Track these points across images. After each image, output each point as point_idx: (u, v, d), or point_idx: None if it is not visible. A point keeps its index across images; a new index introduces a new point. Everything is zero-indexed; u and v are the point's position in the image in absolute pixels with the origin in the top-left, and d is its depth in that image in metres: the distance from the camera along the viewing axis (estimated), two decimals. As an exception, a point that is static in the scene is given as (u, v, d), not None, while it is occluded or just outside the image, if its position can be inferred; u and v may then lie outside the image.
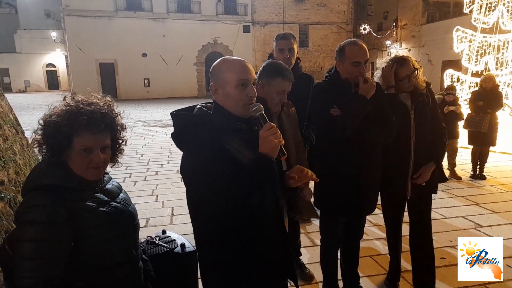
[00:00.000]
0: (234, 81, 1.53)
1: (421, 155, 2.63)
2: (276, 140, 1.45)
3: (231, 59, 1.60)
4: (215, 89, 1.56)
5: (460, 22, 12.61)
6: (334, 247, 2.74)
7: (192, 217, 1.63)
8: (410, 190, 2.69)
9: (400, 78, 2.60)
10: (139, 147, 9.19)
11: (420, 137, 2.62)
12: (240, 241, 1.53)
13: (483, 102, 5.93)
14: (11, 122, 2.62)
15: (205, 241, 1.61)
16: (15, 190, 2.14)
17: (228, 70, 1.54)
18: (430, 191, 2.77)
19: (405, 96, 2.65)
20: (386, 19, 31.87)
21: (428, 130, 2.65)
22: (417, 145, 2.62)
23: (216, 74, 1.57)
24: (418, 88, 2.63)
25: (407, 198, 2.73)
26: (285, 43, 3.07)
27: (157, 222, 4.41)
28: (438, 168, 2.74)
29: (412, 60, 2.65)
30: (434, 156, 2.66)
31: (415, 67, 2.60)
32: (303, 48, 31.68)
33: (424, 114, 2.63)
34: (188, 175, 1.53)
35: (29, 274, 1.25)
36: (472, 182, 5.93)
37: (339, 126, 2.31)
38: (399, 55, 2.71)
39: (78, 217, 1.33)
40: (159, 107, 20.72)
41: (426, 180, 2.64)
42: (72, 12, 25.92)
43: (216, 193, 1.42)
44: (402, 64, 2.60)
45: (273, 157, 1.46)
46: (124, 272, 1.45)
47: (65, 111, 1.38)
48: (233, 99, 1.54)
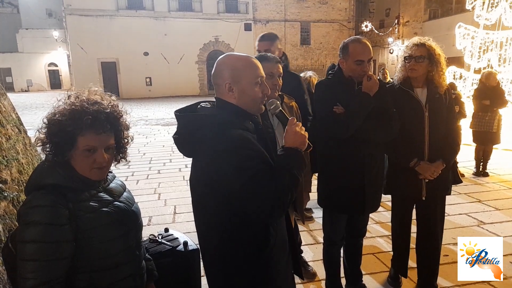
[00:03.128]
0: (253, 78, 1.50)
1: (435, 154, 2.55)
2: (304, 133, 1.46)
3: (242, 56, 1.56)
4: (230, 87, 1.49)
5: (463, 19, 12.56)
6: (337, 245, 2.74)
7: (205, 220, 1.55)
8: (425, 191, 2.62)
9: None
10: (141, 146, 9.22)
11: (435, 136, 2.54)
12: (255, 241, 1.50)
13: (489, 101, 5.89)
14: (14, 122, 2.62)
15: (217, 242, 1.52)
16: (18, 189, 2.14)
17: (246, 68, 1.50)
18: (443, 192, 2.70)
19: (420, 92, 2.58)
20: (388, 16, 31.74)
21: (443, 130, 2.57)
22: (431, 144, 2.55)
23: (230, 71, 1.50)
24: (438, 86, 2.54)
25: (422, 199, 2.65)
26: (264, 45, 3.13)
27: (160, 221, 4.42)
28: (452, 169, 2.68)
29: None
30: (444, 155, 2.56)
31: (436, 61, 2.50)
32: (305, 46, 31.62)
33: (439, 113, 2.55)
34: (209, 178, 1.42)
35: (31, 275, 1.25)
36: (475, 179, 5.91)
37: (342, 124, 2.30)
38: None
39: (80, 217, 1.33)
40: (161, 106, 20.74)
41: (432, 177, 2.55)
42: (73, 11, 25.95)
43: (264, 193, 1.35)
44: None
45: (303, 150, 1.46)
46: (127, 272, 1.45)
47: (69, 110, 1.37)
48: (251, 97, 1.51)
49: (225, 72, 1.51)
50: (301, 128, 1.48)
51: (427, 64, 2.50)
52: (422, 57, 2.49)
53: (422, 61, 2.49)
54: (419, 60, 2.50)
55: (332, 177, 2.52)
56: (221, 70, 1.52)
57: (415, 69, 2.52)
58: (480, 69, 9.04)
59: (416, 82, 2.58)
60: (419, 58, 2.49)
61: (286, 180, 1.39)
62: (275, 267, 1.56)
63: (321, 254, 2.85)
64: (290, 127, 1.48)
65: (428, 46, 2.50)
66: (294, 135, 1.47)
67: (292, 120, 1.50)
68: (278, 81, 2.31)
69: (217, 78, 1.54)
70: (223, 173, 1.37)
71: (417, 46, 2.51)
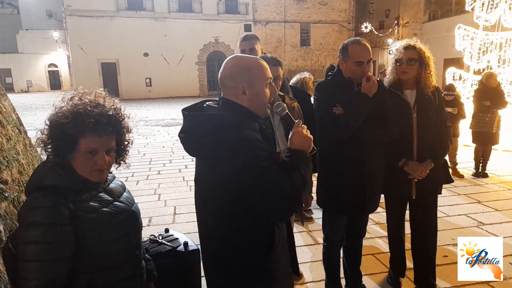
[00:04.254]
0: (265, 80, 1.51)
1: (424, 154, 2.59)
2: (310, 136, 1.48)
3: (253, 58, 1.56)
4: (243, 91, 1.48)
5: (462, 20, 12.57)
6: (336, 245, 2.75)
7: (209, 222, 1.55)
8: (415, 190, 2.66)
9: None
10: (141, 147, 9.22)
11: (423, 136, 2.58)
12: (261, 242, 1.50)
13: (490, 102, 5.91)
14: (14, 122, 2.63)
15: (220, 243, 1.52)
16: (19, 189, 2.15)
17: (259, 71, 1.50)
18: (434, 191, 2.73)
19: (410, 94, 2.61)
20: (388, 17, 31.80)
21: (432, 130, 2.61)
22: (420, 144, 2.59)
23: (245, 74, 1.48)
24: (425, 87, 2.57)
25: (412, 198, 2.70)
26: (246, 44, 3.15)
27: (160, 221, 4.42)
28: (443, 169, 2.70)
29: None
30: (433, 154, 2.60)
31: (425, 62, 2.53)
32: (305, 47, 31.64)
33: (428, 114, 2.58)
34: (225, 180, 1.41)
35: (34, 276, 1.25)
36: (475, 180, 5.92)
37: (342, 125, 2.31)
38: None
39: (81, 218, 1.33)
40: (161, 107, 20.74)
41: (420, 176, 2.57)
42: (73, 12, 25.97)
43: (278, 194, 1.36)
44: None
45: (308, 151, 1.48)
46: (127, 272, 1.45)
47: (72, 112, 1.37)
48: (262, 99, 1.51)
49: (238, 75, 1.49)
50: (307, 131, 1.50)
51: (418, 67, 2.54)
52: (413, 59, 2.52)
53: (413, 64, 2.53)
54: (411, 63, 2.53)
55: (332, 178, 2.53)
56: (234, 72, 1.50)
57: (407, 71, 2.55)
58: (479, 70, 9.05)
59: (406, 84, 2.62)
60: (411, 61, 2.53)
61: (298, 180, 1.41)
62: (277, 267, 1.56)
63: (320, 254, 2.85)
64: (298, 130, 1.49)
65: (418, 49, 2.54)
66: (302, 137, 1.48)
67: (298, 122, 1.51)
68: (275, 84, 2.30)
69: (228, 80, 1.51)
70: (234, 173, 1.37)
71: (408, 49, 2.54)
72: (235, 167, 1.37)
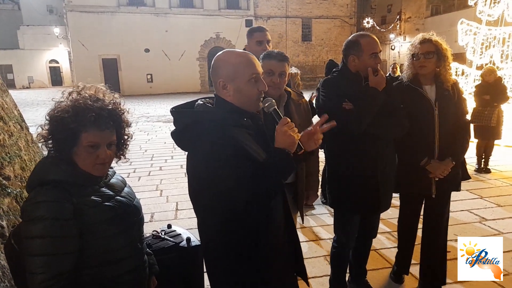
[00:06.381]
0: (247, 75, 1.48)
1: (446, 151, 2.52)
2: (294, 135, 1.43)
3: (239, 53, 1.53)
4: (224, 85, 1.48)
5: (465, 15, 12.50)
6: (348, 246, 2.66)
7: (201, 214, 1.58)
8: (435, 188, 2.59)
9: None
10: (143, 143, 9.23)
11: (445, 134, 2.51)
12: (249, 237, 1.50)
13: (489, 96, 5.89)
14: (16, 118, 2.63)
15: (214, 236, 1.55)
16: (21, 185, 2.15)
17: (240, 65, 1.48)
18: (452, 189, 2.67)
19: (429, 89, 2.55)
20: (390, 12, 31.65)
21: (452, 127, 2.54)
22: (442, 141, 2.52)
23: (225, 69, 1.49)
24: (444, 82, 2.52)
25: (432, 196, 2.62)
26: (263, 35, 3.12)
27: (162, 217, 4.43)
28: (461, 166, 2.64)
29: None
30: (453, 152, 2.52)
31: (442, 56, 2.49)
32: (306, 42, 31.51)
33: (449, 111, 2.52)
34: (204, 173, 1.43)
35: (40, 270, 1.26)
36: (477, 175, 5.91)
37: (355, 120, 2.25)
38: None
39: (83, 212, 1.34)
40: (162, 103, 20.74)
41: (442, 175, 2.51)
42: (74, 8, 25.91)
43: (241, 191, 1.37)
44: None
45: (291, 151, 1.44)
46: (129, 266, 1.46)
47: (72, 107, 1.37)
48: (246, 94, 1.49)
49: (219, 70, 1.50)
50: (292, 130, 1.43)
51: (436, 60, 2.49)
52: (431, 53, 2.47)
53: (431, 57, 2.48)
54: (428, 56, 2.48)
55: (343, 176, 2.45)
56: (217, 67, 1.51)
57: (425, 65, 2.50)
58: (482, 66, 9.01)
59: (425, 80, 2.56)
60: (428, 54, 2.48)
61: (268, 182, 1.41)
62: (270, 268, 1.55)
63: (322, 250, 2.85)
64: (279, 127, 1.44)
65: (435, 42, 2.49)
66: (282, 135, 1.43)
67: (284, 120, 1.45)
68: (279, 80, 2.26)
69: (212, 75, 1.54)
70: (212, 169, 1.38)
71: (424, 43, 2.49)
72: (208, 163, 1.39)
